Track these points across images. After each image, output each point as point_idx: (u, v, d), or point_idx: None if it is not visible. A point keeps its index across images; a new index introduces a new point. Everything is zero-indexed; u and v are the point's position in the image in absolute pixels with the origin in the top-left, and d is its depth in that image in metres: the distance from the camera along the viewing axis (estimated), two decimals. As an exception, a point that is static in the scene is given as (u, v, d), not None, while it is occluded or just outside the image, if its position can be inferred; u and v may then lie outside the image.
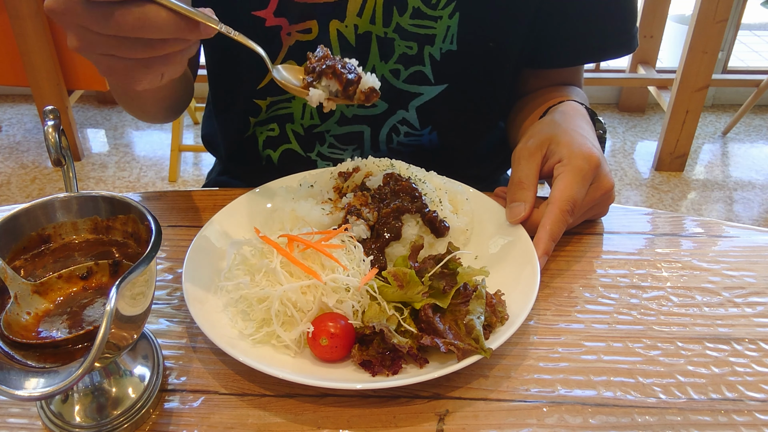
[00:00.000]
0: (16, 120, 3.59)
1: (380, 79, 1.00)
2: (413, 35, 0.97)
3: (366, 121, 1.07)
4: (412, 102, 1.05)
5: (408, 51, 0.99)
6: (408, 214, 0.83)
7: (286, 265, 0.72)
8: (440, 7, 0.95)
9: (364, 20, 0.96)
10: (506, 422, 0.63)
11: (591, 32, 1.02)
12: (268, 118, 1.09)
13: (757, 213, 2.91)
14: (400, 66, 1.01)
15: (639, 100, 3.67)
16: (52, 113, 0.63)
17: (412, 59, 1.00)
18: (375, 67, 1.01)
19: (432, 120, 1.08)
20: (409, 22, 0.96)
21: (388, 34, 0.98)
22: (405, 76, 1.02)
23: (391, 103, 1.05)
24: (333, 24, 0.97)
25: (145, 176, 3.12)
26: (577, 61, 1.09)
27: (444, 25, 0.97)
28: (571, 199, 0.80)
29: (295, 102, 1.06)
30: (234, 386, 0.67)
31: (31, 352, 0.54)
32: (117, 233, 0.66)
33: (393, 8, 0.95)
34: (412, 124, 1.08)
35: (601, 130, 0.96)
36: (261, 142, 1.12)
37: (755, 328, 0.75)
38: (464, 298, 0.70)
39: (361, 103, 0.81)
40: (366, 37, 0.98)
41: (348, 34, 0.98)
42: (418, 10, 0.95)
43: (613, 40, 1.04)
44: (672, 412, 0.65)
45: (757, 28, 4.71)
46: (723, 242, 0.89)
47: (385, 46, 0.99)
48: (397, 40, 0.98)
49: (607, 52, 1.07)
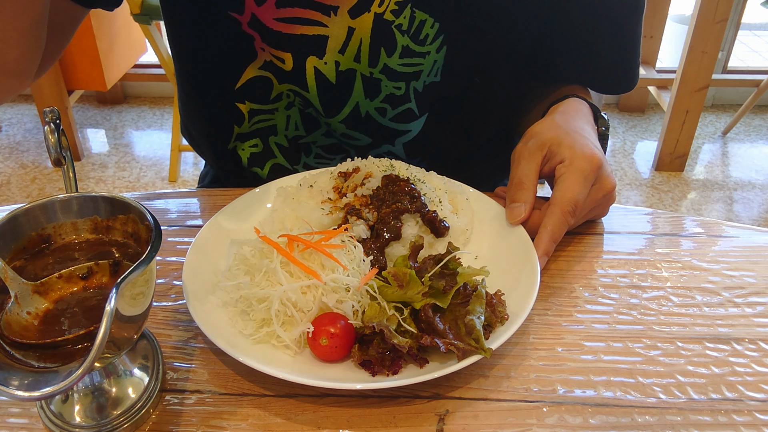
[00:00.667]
0: (16, 120, 3.59)
1: (364, 115, 0.97)
2: (401, 75, 0.93)
3: (351, 147, 1.05)
4: (398, 139, 1.02)
5: (396, 92, 0.95)
6: (407, 214, 0.83)
7: (286, 265, 0.72)
8: (428, 43, 0.91)
9: (347, 57, 0.90)
10: (506, 422, 0.63)
11: (590, 71, 1.00)
12: (250, 131, 1.03)
13: (757, 213, 2.91)
14: (387, 105, 0.97)
15: (639, 100, 3.67)
16: (52, 113, 0.63)
17: (399, 99, 0.96)
18: (359, 104, 0.96)
19: (420, 153, 1.05)
20: (397, 62, 0.91)
21: (374, 74, 0.92)
22: (392, 115, 0.98)
23: (375, 138, 1.02)
24: (310, 61, 0.90)
25: (145, 176, 3.12)
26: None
27: (431, 60, 0.93)
28: (573, 201, 0.80)
29: (277, 114, 1.01)
30: (234, 386, 0.67)
31: (31, 352, 0.54)
32: (117, 233, 0.66)
33: (381, 49, 0.90)
34: (399, 157, 1.04)
35: (604, 126, 0.95)
36: (245, 160, 1.07)
37: (755, 328, 0.75)
38: (464, 298, 0.70)
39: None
40: (349, 75, 0.92)
41: (327, 71, 0.92)
42: (407, 48, 0.90)
43: (618, 79, 1.02)
44: (672, 412, 0.65)
45: (757, 28, 4.71)
46: (723, 242, 0.89)
47: (370, 85, 0.94)
48: (384, 81, 0.93)
49: (612, 91, 1.06)
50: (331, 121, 0.99)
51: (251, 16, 0.88)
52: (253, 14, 0.88)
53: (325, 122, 1.00)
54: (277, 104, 1.00)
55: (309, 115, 1.02)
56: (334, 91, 0.95)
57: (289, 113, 1.01)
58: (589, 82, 1.04)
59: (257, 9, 0.88)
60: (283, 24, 0.88)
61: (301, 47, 0.90)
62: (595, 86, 1.05)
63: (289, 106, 1.01)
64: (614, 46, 0.99)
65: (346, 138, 1.03)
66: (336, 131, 1.01)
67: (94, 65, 2.94)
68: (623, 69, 1.01)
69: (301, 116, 1.02)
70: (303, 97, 0.97)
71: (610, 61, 1.00)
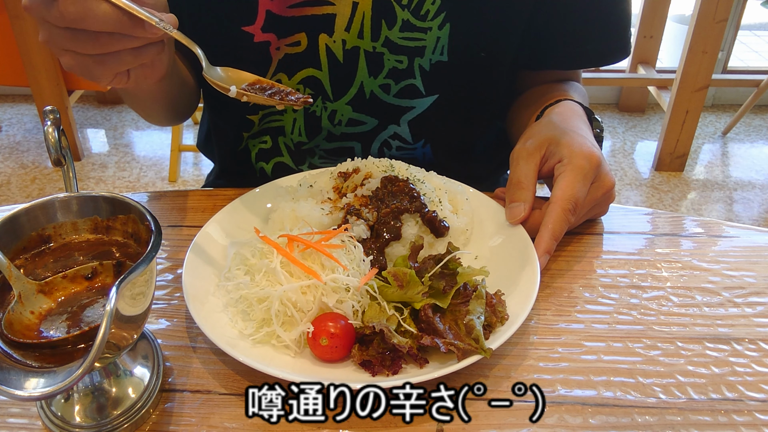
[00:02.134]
0: (16, 120, 3.59)
1: (369, 95, 1.01)
2: (403, 48, 0.96)
3: (355, 138, 1.07)
4: (404, 116, 1.04)
5: (398, 65, 0.98)
6: (407, 214, 0.83)
7: (286, 265, 0.72)
8: (429, 19, 0.94)
9: (352, 35, 0.95)
10: (506, 422, 0.63)
11: (586, 38, 1.02)
12: (260, 130, 1.08)
13: (757, 213, 2.91)
14: (391, 81, 1.00)
15: (639, 100, 3.67)
16: (52, 113, 0.63)
17: (402, 73, 0.99)
18: (363, 83, 1.00)
19: (425, 133, 1.07)
20: (398, 35, 0.95)
21: (377, 48, 0.96)
22: (396, 91, 1.01)
23: (381, 118, 1.04)
24: (322, 38, 0.96)
25: (145, 176, 3.12)
26: (573, 66, 1.09)
27: (434, 37, 0.95)
28: (573, 198, 0.80)
29: (286, 116, 1.05)
30: (234, 386, 0.67)
31: (30, 351, 0.54)
32: (117, 233, 0.66)
33: (382, 21, 0.94)
34: (404, 138, 1.07)
35: (598, 128, 0.96)
36: (254, 155, 1.12)
37: (755, 328, 0.75)
38: (464, 298, 0.70)
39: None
40: (354, 53, 0.97)
41: (336, 50, 0.97)
42: (407, 22, 0.94)
43: (608, 45, 1.03)
44: (672, 412, 0.65)
45: (757, 28, 4.71)
46: (723, 242, 0.89)
47: (373, 61, 0.98)
48: (387, 54, 0.97)
49: (604, 58, 1.06)
50: (338, 106, 1.02)
51: (266, 14, 0.93)
52: (267, 11, 0.93)
53: (332, 110, 1.03)
54: None
55: (312, 115, 1.04)
56: (342, 71, 0.99)
57: (295, 116, 1.05)
58: (580, 53, 1.04)
59: (271, 4, 0.93)
60: (295, 9, 0.93)
61: (313, 26, 0.95)
62: (588, 55, 1.05)
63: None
64: (603, 11, 1.00)
65: (352, 125, 1.04)
66: (343, 118, 1.03)
67: (94, 65, 2.93)
68: (615, 34, 1.03)
69: (305, 120, 1.05)
70: (314, 84, 1.00)
71: (600, 28, 1.02)
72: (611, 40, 1.03)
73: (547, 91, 1.06)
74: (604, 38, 1.03)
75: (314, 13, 0.94)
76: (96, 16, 0.64)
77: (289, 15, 0.94)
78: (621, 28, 1.02)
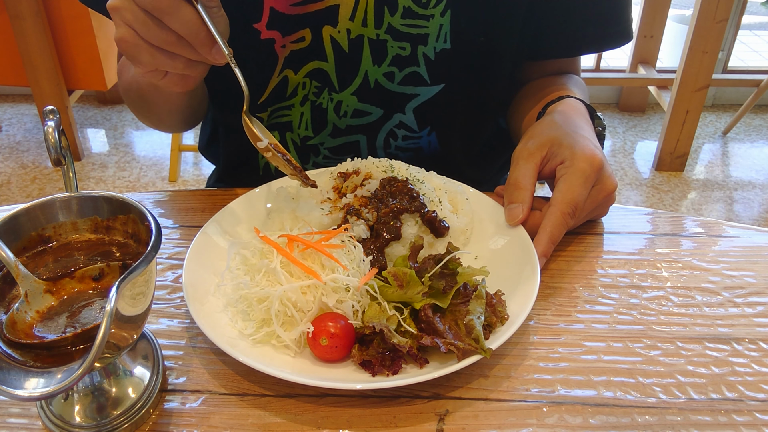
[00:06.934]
0: (16, 120, 3.59)
1: (374, 84, 1.02)
2: (406, 35, 0.97)
3: (361, 131, 1.07)
4: (408, 104, 1.04)
5: (401, 52, 0.98)
6: (407, 214, 0.83)
7: (286, 265, 0.72)
8: (431, 6, 0.95)
9: (356, 23, 0.96)
10: (506, 422, 0.63)
11: (586, 23, 1.02)
12: (269, 125, 1.08)
13: (757, 213, 2.91)
14: (394, 68, 1.00)
15: (639, 100, 3.67)
16: (52, 113, 0.63)
17: (405, 60, 0.99)
18: (368, 72, 1.00)
19: (431, 120, 1.07)
20: (400, 22, 0.96)
21: (380, 35, 0.97)
22: (400, 78, 1.01)
23: (386, 107, 1.05)
24: (326, 30, 0.96)
25: (145, 176, 3.12)
26: (574, 52, 1.09)
27: (436, 24, 0.96)
28: (573, 202, 0.80)
29: (293, 110, 1.05)
30: (234, 386, 0.67)
31: (29, 351, 0.54)
32: (117, 233, 0.66)
33: (384, 8, 0.95)
34: (410, 127, 1.07)
35: (600, 126, 0.96)
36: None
37: (755, 328, 0.75)
38: (464, 298, 0.70)
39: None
40: (358, 41, 0.98)
41: (341, 40, 0.97)
42: (409, 9, 0.95)
43: (608, 30, 1.03)
44: (672, 412, 0.65)
45: (757, 28, 4.72)
46: (723, 242, 0.89)
47: (377, 49, 0.98)
48: (390, 41, 0.98)
49: (604, 43, 1.07)
50: (344, 96, 1.03)
51: (270, 12, 0.93)
52: (271, 8, 0.93)
53: (338, 101, 1.03)
54: (293, 100, 1.04)
55: (319, 107, 1.04)
56: (347, 60, 0.99)
57: (303, 110, 1.05)
58: (580, 38, 1.05)
59: (274, 2, 0.93)
60: (299, 7, 0.94)
61: (317, 20, 0.96)
62: (588, 40, 1.05)
63: (303, 101, 1.04)
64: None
65: (358, 116, 1.05)
66: (348, 109, 1.04)
67: (94, 65, 2.94)
68: (614, 18, 1.03)
69: (311, 114, 1.05)
70: (320, 75, 1.01)
71: (599, 12, 1.02)
72: (610, 24, 1.03)
73: (547, 84, 1.06)
74: (604, 22, 1.03)
75: (317, 9, 0.94)
76: (179, 17, 0.65)
77: (293, 13, 0.94)
78: (621, 12, 1.03)
